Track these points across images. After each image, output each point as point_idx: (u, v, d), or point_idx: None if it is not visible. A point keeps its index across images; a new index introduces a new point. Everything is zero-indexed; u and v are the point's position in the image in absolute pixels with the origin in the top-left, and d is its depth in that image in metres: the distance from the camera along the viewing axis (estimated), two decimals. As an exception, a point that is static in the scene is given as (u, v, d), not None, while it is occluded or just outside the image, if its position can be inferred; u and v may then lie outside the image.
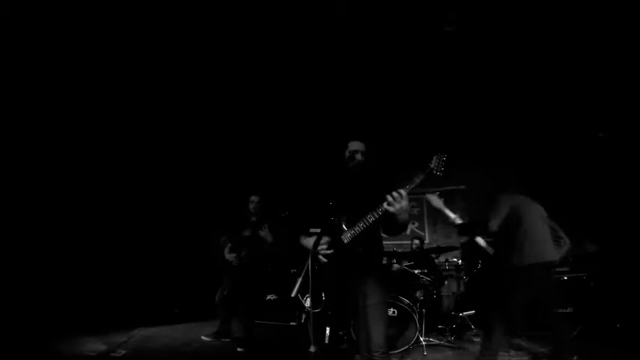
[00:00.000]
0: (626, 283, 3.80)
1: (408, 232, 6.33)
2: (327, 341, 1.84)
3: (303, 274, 2.27)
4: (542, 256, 2.72)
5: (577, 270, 3.97)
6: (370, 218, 1.93)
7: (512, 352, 3.24)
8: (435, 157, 1.92)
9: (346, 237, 2.04)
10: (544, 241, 2.80)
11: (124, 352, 3.48)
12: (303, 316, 4.42)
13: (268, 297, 4.76)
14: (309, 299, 2.25)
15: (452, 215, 3.31)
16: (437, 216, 5.31)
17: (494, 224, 2.82)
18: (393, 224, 1.96)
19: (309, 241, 2.12)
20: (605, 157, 4.51)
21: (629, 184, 4.49)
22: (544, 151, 5.43)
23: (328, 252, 2.07)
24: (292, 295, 2.96)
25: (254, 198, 4.14)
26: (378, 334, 1.92)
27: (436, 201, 3.63)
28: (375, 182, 2.10)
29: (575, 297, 3.74)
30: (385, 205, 1.81)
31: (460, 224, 3.21)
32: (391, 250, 5.02)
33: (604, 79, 4.06)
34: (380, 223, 1.96)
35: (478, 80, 4.53)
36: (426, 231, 6.20)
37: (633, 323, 3.56)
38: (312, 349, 1.81)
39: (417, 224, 6.33)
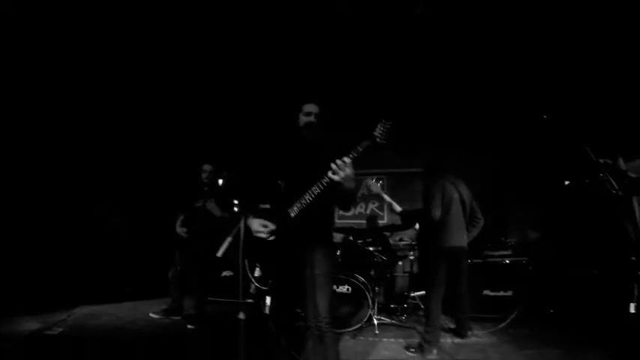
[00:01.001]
0: (563, 271, 4.04)
1: (368, 211, 6.44)
2: (266, 311, 1.75)
3: (233, 234, 2.25)
4: (456, 242, 3.07)
5: (518, 254, 4.16)
6: (315, 190, 1.91)
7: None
8: (379, 125, 1.88)
9: (293, 210, 2.00)
10: (458, 228, 3.12)
11: (60, 329, 3.27)
12: (252, 287, 4.39)
13: (224, 273, 4.63)
14: (257, 270, 2.20)
15: (389, 200, 3.43)
16: (401, 196, 5.42)
17: (437, 213, 2.99)
18: (340, 193, 1.94)
19: (252, 222, 2.07)
20: (550, 146, 4.66)
21: (572, 171, 4.71)
22: (492, 137, 5.68)
23: (270, 238, 2.04)
24: (219, 254, 2.98)
25: (206, 167, 3.92)
26: (323, 303, 1.94)
27: (375, 187, 3.81)
28: (325, 150, 2.03)
29: (514, 281, 3.94)
30: (330, 173, 1.80)
31: (402, 212, 3.31)
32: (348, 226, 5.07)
33: (550, 61, 4.10)
34: (327, 193, 1.92)
35: (431, 59, 4.44)
36: (385, 211, 6.33)
37: (565, 309, 3.75)
38: (241, 315, 1.83)
39: (376, 204, 6.43)
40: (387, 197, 3.67)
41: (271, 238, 2.05)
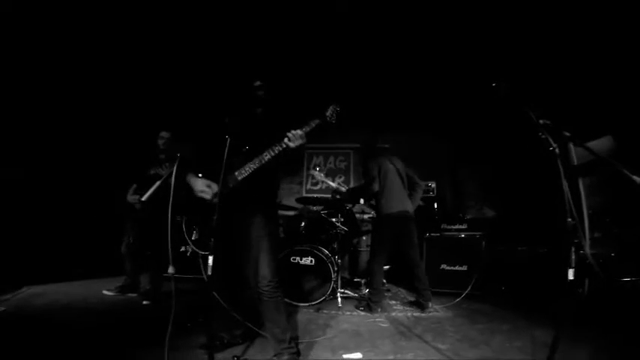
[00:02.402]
0: (514, 249, 4.28)
1: (335, 185, 6.44)
2: (209, 272, 1.78)
3: (162, 179, 2.19)
4: (397, 207, 3.40)
5: (473, 229, 4.33)
6: (266, 155, 2.04)
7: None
8: (330, 107, 2.22)
9: (241, 173, 2.08)
10: (397, 195, 3.47)
11: (2, 309, 3.03)
12: (189, 250, 4.35)
13: (182, 248, 4.46)
14: (195, 232, 2.23)
15: (333, 185, 3.67)
16: (359, 174, 5.51)
17: (375, 186, 3.43)
18: (287, 159, 2.10)
19: (196, 182, 2.09)
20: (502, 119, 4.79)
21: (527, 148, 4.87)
22: (451, 118, 5.81)
23: (214, 200, 2.04)
24: (144, 199, 2.98)
25: (164, 134, 3.69)
26: (268, 265, 1.97)
27: (319, 176, 4.26)
28: (275, 121, 2.19)
29: (469, 256, 4.11)
30: (286, 140, 1.99)
31: (350, 189, 3.59)
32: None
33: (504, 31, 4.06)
34: (277, 159, 2.06)
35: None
36: (352, 185, 6.36)
37: (516, 286, 3.98)
38: (170, 269, 1.82)
39: (343, 178, 6.44)
40: (330, 182, 4.00)
41: (215, 200, 2.03)
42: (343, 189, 3.87)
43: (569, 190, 1.66)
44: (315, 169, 2.75)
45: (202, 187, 2.05)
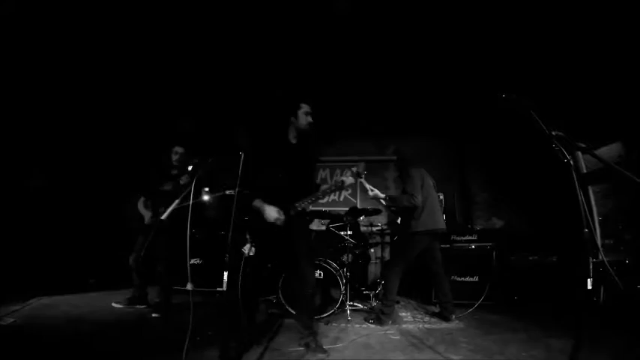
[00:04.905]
0: (525, 258, 4.22)
1: (342, 199, 6.45)
2: (224, 287, 1.94)
3: (181, 198, 2.50)
4: (436, 224, 3.30)
5: (483, 240, 4.29)
6: (328, 190, 2.52)
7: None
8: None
9: (300, 205, 2.43)
10: (437, 211, 3.38)
11: (12, 320, 3.03)
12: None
13: (192, 261, 4.46)
14: (250, 247, 2.54)
15: (381, 195, 3.47)
16: (374, 183, 5.51)
17: (419, 198, 3.22)
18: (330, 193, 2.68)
19: (269, 208, 2.37)
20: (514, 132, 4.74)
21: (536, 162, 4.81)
22: (460, 128, 5.81)
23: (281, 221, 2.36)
24: (163, 217, 3.09)
25: (178, 149, 3.75)
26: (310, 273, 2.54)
27: (365, 183, 3.89)
28: (314, 152, 2.58)
29: (480, 267, 4.08)
30: (345, 178, 2.43)
31: (387, 197, 3.43)
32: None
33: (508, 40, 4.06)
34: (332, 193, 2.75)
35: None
36: (358, 198, 6.36)
37: (528, 295, 3.91)
38: (188, 286, 2.15)
39: (350, 191, 6.45)
40: (367, 185, 3.62)
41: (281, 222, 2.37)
42: (382, 195, 3.53)
43: (583, 201, 1.65)
44: (362, 177, 2.79)
45: (277, 214, 2.35)
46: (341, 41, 4.18)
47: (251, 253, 2.44)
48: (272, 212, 2.35)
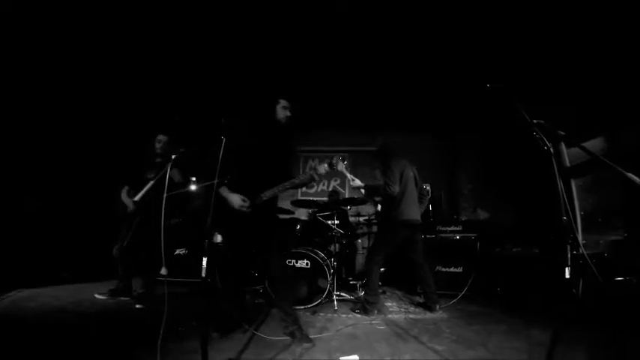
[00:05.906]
0: (508, 250, 4.28)
1: (330, 188, 6.44)
2: (203, 274, 1.91)
3: (155, 179, 2.77)
4: (412, 215, 3.40)
5: (468, 231, 4.36)
6: (295, 181, 2.48)
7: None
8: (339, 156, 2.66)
9: (266, 196, 2.47)
10: (414, 203, 3.48)
11: (-8, 310, 2.94)
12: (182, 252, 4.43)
13: (177, 251, 4.40)
14: (219, 236, 2.69)
15: (351, 176, 3.54)
16: (362, 173, 5.52)
17: (396, 188, 3.31)
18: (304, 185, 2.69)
19: (233, 196, 2.43)
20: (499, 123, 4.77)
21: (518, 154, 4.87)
22: (446, 120, 5.83)
23: (245, 208, 2.42)
24: (136, 199, 3.42)
25: (162, 137, 3.69)
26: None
27: (340, 165, 3.94)
28: (291, 143, 2.58)
29: (464, 258, 4.13)
30: (313, 173, 2.47)
31: (365, 185, 3.48)
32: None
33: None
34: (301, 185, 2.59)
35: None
36: (347, 189, 6.37)
37: (511, 287, 3.95)
38: (163, 271, 2.03)
39: (338, 181, 6.44)
40: (349, 175, 3.73)
41: (248, 209, 2.43)
42: (360, 183, 3.65)
43: (563, 189, 1.67)
44: (340, 158, 2.75)
45: (241, 201, 2.41)
46: (333, 33, 4.13)
47: (218, 241, 2.59)
48: (235, 200, 2.41)
